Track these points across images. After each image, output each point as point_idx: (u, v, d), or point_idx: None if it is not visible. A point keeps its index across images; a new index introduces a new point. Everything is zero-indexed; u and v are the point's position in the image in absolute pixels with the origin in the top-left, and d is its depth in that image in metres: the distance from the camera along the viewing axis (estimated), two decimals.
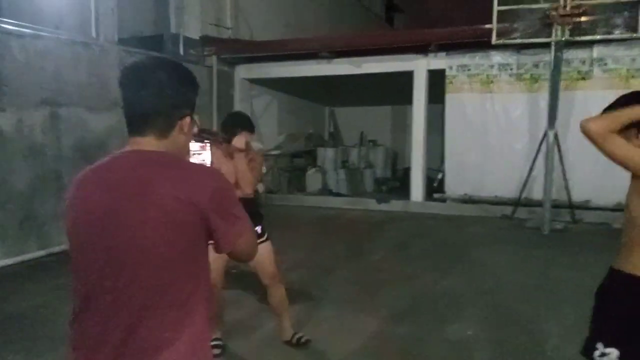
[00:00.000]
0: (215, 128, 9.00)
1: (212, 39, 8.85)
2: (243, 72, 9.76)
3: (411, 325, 3.68)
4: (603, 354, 1.83)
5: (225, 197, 1.22)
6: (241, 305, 3.98)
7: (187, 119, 1.27)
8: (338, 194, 9.99)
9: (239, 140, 2.89)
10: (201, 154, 1.79)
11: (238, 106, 9.70)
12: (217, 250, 1.23)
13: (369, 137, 12.21)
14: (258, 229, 3.00)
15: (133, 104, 1.24)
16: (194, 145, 1.74)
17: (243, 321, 3.71)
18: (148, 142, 1.23)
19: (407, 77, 8.81)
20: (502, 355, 3.22)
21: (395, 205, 8.87)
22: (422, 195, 8.89)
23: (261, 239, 2.98)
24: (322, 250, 5.99)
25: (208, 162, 1.70)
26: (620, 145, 1.74)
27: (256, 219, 2.97)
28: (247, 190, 2.96)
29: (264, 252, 2.95)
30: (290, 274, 4.99)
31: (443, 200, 8.75)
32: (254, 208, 2.95)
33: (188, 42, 8.45)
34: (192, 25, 8.63)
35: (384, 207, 8.86)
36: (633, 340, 1.83)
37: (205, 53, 8.84)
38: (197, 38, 8.69)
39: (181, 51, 8.26)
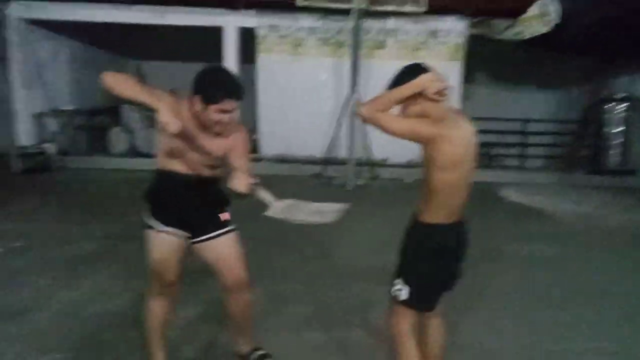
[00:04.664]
0: None
1: None
2: (19, 10, 8.15)
3: None
4: (400, 289, 2.06)
5: None
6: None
7: None
8: (148, 155, 9.28)
9: (223, 116, 2.12)
10: None
11: (15, 52, 8.12)
12: None
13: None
14: (227, 215, 2.39)
15: None
16: None
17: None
18: None
19: (220, 34, 8.46)
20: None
21: None
22: None
23: (227, 228, 2.36)
24: (124, 218, 5.46)
25: None
26: (390, 121, 1.87)
27: (220, 204, 2.39)
28: (203, 169, 2.25)
29: (228, 246, 2.36)
30: (82, 243, 4.50)
31: (258, 160, 8.82)
32: (214, 190, 2.30)
33: None
34: None
35: None
36: (417, 279, 2.06)
37: None
38: None
39: None
